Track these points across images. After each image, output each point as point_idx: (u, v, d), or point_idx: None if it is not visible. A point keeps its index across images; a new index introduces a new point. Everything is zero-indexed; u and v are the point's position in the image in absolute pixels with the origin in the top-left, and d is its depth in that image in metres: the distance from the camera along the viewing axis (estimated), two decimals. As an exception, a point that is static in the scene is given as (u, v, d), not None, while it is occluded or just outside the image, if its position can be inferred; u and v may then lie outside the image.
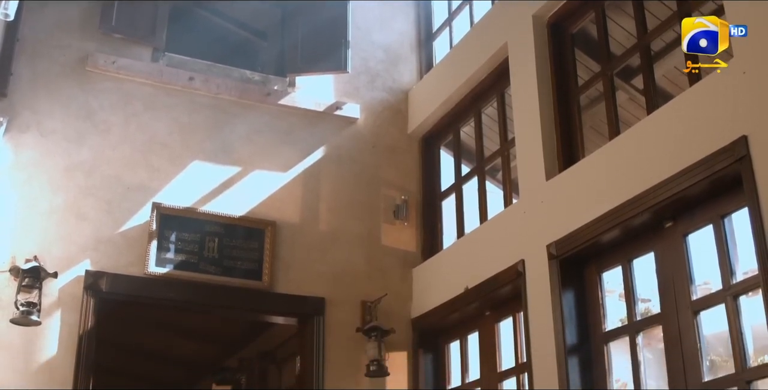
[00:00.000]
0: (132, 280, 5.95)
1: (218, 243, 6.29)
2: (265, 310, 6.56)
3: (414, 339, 6.65)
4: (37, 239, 5.75)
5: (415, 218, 7.05)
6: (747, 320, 4.14)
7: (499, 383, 5.96)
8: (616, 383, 5.09)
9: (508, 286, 5.72)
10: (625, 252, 4.98)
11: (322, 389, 6.26)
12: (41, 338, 5.57)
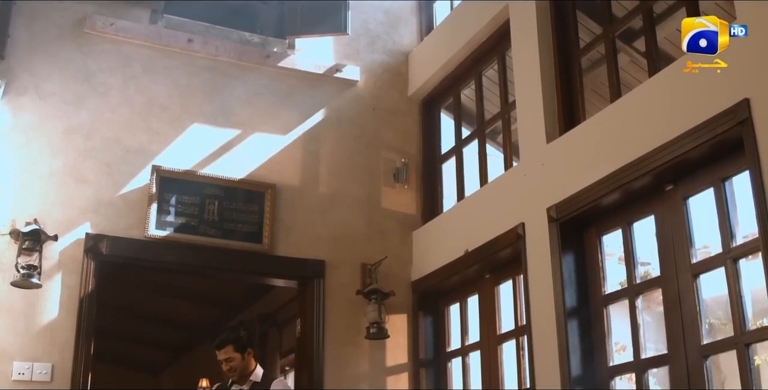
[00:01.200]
0: (132, 242, 5.96)
1: (218, 206, 6.28)
2: (265, 272, 6.58)
3: (414, 301, 6.67)
4: (36, 202, 5.75)
5: (415, 181, 7.04)
6: (746, 284, 4.15)
7: (498, 345, 5.98)
8: (615, 346, 5.11)
9: (508, 249, 5.72)
10: (626, 215, 4.98)
11: (322, 351, 6.29)
12: (42, 301, 5.59)
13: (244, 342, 5.65)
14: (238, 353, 5.59)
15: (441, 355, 6.58)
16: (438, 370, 6.55)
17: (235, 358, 5.58)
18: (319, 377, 6.24)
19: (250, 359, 5.60)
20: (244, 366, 5.56)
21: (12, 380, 5.40)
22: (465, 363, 6.35)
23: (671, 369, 4.53)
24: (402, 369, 6.52)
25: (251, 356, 5.61)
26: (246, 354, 5.57)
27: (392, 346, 6.51)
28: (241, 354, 5.59)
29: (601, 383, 4.94)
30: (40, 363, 5.48)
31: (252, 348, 5.72)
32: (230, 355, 5.58)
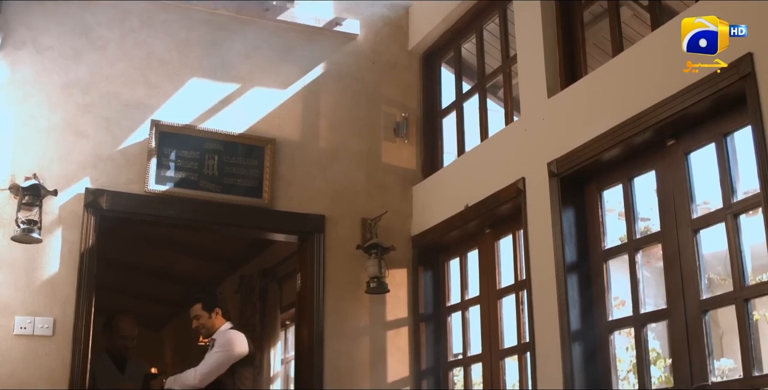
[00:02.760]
0: (132, 197, 5.95)
1: (218, 160, 6.27)
2: (265, 227, 6.58)
3: (414, 256, 6.69)
4: (36, 157, 5.73)
5: (415, 136, 7.01)
6: (746, 239, 4.15)
7: (498, 300, 6.01)
8: (615, 301, 5.14)
9: (508, 204, 5.72)
10: (626, 170, 4.97)
11: (323, 306, 6.32)
12: (43, 256, 5.60)
13: (211, 301, 5.76)
14: (206, 312, 5.73)
15: (441, 309, 6.61)
16: (438, 325, 6.58)
17: (202, 316, 5.72)
18: (320, 331, 6.27)
19: (218, 319, 5.73)
20: (211, 325, 5.71)
21: (14, 335, 5.42)
22: (465, 317, 6.38)
23: (670, 323, 4.56)
24: (402, 323, 6.55)
25: (218, 316, 5.74)
26: (213, 313, 5.69)
27: (392, 300, 6.54)
28: (209, 313, 5.72)
29: (600, 337, 4.97)
30: (42, 317, 5.51)
31: (220, 308, 5.82)
32: (198, 312, 5.74)
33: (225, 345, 5.78)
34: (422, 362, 6.46)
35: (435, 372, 6.49)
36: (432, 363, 6.49)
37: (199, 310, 5.83)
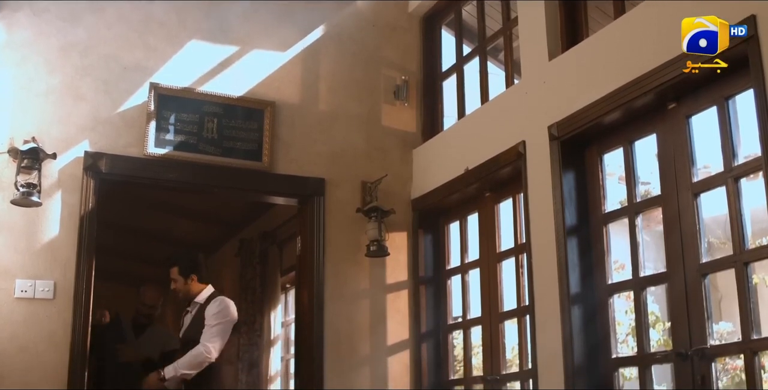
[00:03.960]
0: (131, 160, 5.94)
1: (217, 123, 6.24)
2: (265, 190, 6.57)
3: (414, 219, 6.69)
4: (34, 120, 5.71)
5: (415, 99, 6.98)
6: (747, 203, 4.15)
7: (498, 263, 6.02)
8: (614, 264, 5.14)
9: (509, 167, 5.71)
10: (627, 133, 4.95)
11: (323, 269, 6.34)
12: (42, 219, 5.60)
13: (188, 266, 5.70)
14: (181, 277, 5.67)
15: (440, 272, 6.62)
16: (437, 288, 6.60)
17: (178, 281, 5.69)
18: (320, 294, 6.29)
19: (194, 284, 5.69)
20: (186, 290, 5.68)
21: (14, 298, 5.44)
22: (464, 280, 6.40)
23: (669, 287, 4.57)
24: (402, 286, 6.57)
25: (194, 282, 5.70)
26: (189, 279, 5.65)
27: (392, 263, 6.55)
28: (184, 278, 5.67)
29: (599, 301, 4.98)
30: (42, 280, 5.52)
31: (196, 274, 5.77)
32: (174, 276, 5.69)
33: (224, 314, 5.75)
34: (422, 325, 6.49)
35: (435, 335, 6.52)
36: (432, 326, 6.52)
37: (175, 273, 5.77)
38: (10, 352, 5.35)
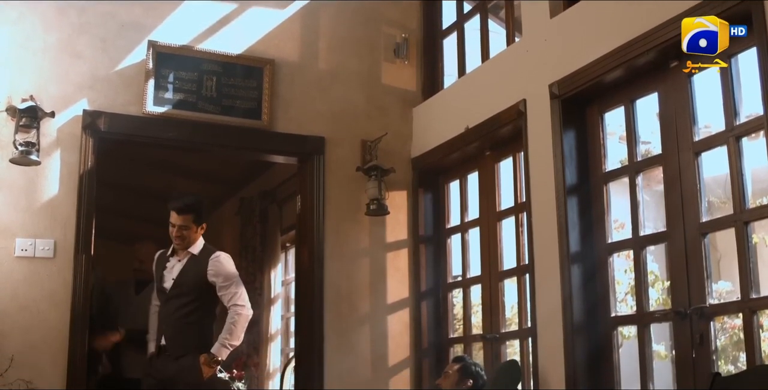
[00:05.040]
0: (130, 119, 5.91)
1: (216, 82, 6.21)
2: (264, 149, 6.56)
3: (414, 178, 6.68)
4: (32, 78, 5.67)
5: (415, 57, 6.94)
6: (748, 162, 4.13)
7: (498, 222, 6.02)
8: (614, 223, 5.14)
9: (509, 126, 5.69)
10: (628, 92, 4.92)
11: (323, 228, 6.34)
12: (42, 178, 5.59)
13: (203, 216, 5.56)
14: (195, 225, 5.51)
15: (440, 231, 6.63)
16: (437, 247, 6.61)
17: (191, 228, 5.49)
18: (320, 253, 6.30)
19: (199, 233, 5.53)
20: (193, 239, 5.48)
21: (15, 256, 5.45)
22: (464, 239, 6.41)
23: (669, 246, 4.57)
24: (401, 245, 6.58)
25: (203, 231, 5.54)
26: (200, 228, 5.51)
27: (392, 222, 6.56)
28: (196, 226, 5.52)
29: (599, 260, 4.99)
30: (42, 239, 5.53)
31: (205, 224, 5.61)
32: (188, 223, 5.48)
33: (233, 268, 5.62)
34: (422, 284, 6.51)
35: (434, 293, 6.54)
36: (431, 284, 6.54)
37: (189, 221, 5.53)
38: (11, 311, 5.38)
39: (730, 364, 7.09)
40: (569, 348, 4.88)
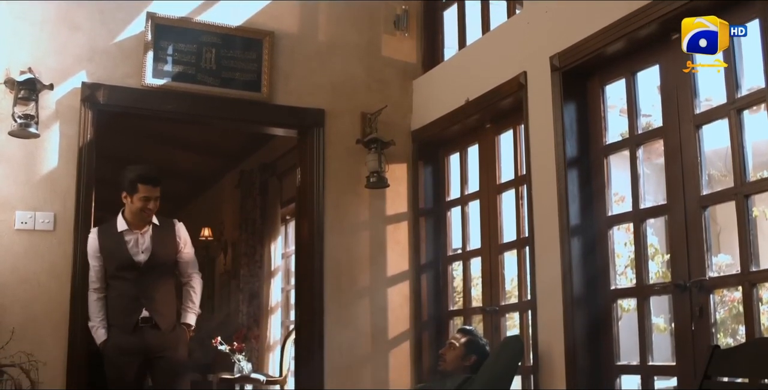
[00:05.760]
0: (129, 91, 5.89)
1: (215, 54, 6.18)
2: (264, 121, 6.54)
3: (414, 151, 6.67)
4: (30, 50, 5.64)
5: (415, 29, 6.90)
6: (749, 135, 4.12)
7: (498, 195, 6.01)
8: (614, 196, 5.13)
9: (510, 98, 5.66)
10: (630, 64, 4.89)
11: (323, 200, 6.34)
12: (41, 151, 5.58)
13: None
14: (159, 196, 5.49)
15: (440, 204, 6.63)
16: (437, 219, 6.61)
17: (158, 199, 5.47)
18: (320, 226, 6.31)
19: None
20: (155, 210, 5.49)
21: (15, 229, 5.46)
22: (464, 212, 6.40)
23: (669, 219, 4.56)
24: (401, 218, 6.59)
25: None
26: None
27: (392, 195, 6.56)
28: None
29: (599, 233, 4.98)
30: (42, 212, 5.53)
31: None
32: (159, 194, 5.45)
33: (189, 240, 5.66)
34: (422, 256, 6.52)
35: (434, 266, 6.55)
36: (431, 257, 6.55)
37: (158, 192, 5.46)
38: (11, 284, 5.39)
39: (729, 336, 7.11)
40: (569, 320, 4.89)
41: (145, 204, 5.33)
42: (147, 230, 5.39)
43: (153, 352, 5.31)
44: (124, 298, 5.33)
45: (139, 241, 5.36)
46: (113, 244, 5.37)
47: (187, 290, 5.60)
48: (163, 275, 5.42)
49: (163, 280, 5.42)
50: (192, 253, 5.65)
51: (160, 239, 5.41)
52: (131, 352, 5.27)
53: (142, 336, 5.30)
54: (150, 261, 5.33)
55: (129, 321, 5.31)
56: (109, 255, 5.36)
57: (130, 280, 5.33)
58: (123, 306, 5.34)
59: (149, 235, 5.39)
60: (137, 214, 5.36)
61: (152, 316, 5.31)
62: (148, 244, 5.37)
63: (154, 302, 5.34)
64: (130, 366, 5.26)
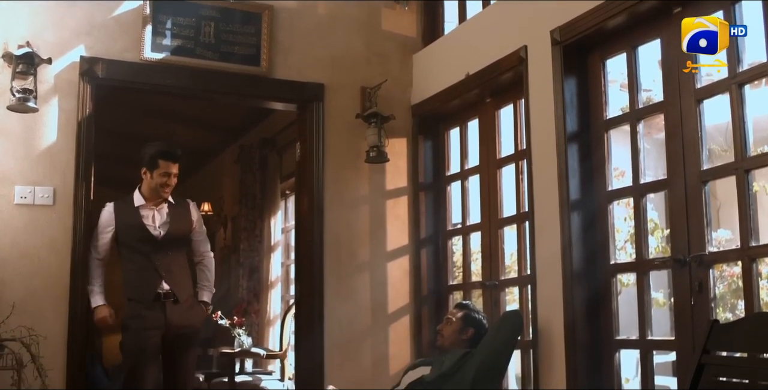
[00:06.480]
0: (128, 65, 5.87)
1: (214, 28, 6.15)
2: (264, 96, 6.52)
3: (414, 125, 6.66)
4: (28, 25, 5.60)
5: (415, 2, 6.86)
6: (750, 110, 4.10)
7: (498, 170, 6.00)
8: (615, 171, 5.12)
9: (510, 73, 5.64)
10: (631, 38, 4.86)
11: (322, 175, 6.34)
12: (40, 125, 5.56)
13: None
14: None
15: (440, 178, 6.62)
16: (437, 194, 6.61)
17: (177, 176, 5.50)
18: (320, 200, 6.31)
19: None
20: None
21: (14, 204, 5.45)
22: (464, 187, 6.40)
23: (669, 194, 4.55)
24: (401, 192, 6.58)
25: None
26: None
27: (392, 169, 6.55)
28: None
29: (599, 207, 4.98)
30: (42, 187, 5.52)
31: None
32: (177, 171, 5.47)
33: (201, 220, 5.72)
34: (421, 231, 6.53)
35: (434, 241, 6.56)
36: (431, 232, 6.55)
37: (177, 168, 5.50)
38: (11, 259, 5.39)
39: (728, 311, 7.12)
40: (568, 295, 4.90)
41: (166, 180, 5.39)
42: (163, 207, 5.44)
43: (174, 327, 5.33)
44: (144, 271, 5.37)
45: (156, 216, 5.42)
46: (130, 217, 5.42)
47: (200, 269, 5.67)
48: (179, 251, 5.47)
49: (180, 256, 5.49)
50: (204, 232, 5.73)
51: (175, 215, 5.48)
52: (153, 327, 5.29)
53: (163, 310, 5.32)
54: (167, 235, 5.39)
55: (148, 294, 5.33)
56: (126, 227, 5.42)
57: (147, 253, 5.37)
58: (142, 279, 5.37)
59: (165, 211, 5.44)
60: (155, 190, 5.42)
61: (172, 289, 5.34)
62: (166, 219, 5.43)
63: (174, 276, 5.37)
64: (153, 338, 5.28)
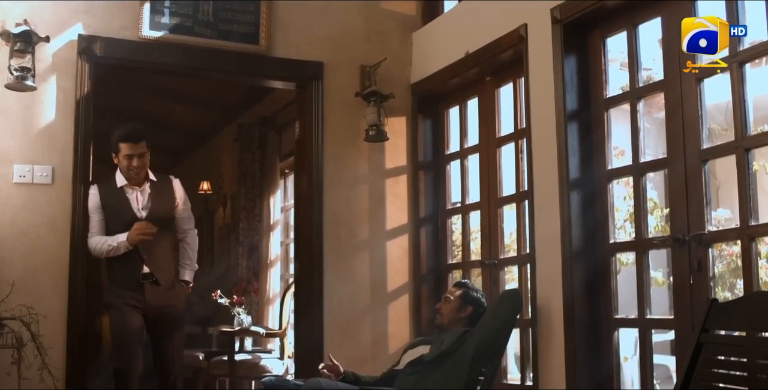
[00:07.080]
0: (126, 43, 5.84)
1: (213, 5, 6.12)
2: (262, 74, 6.50)
3: (413, 104, 6.64)
4: (25, 2, 5.56)
5: (415, -20, 6.85)
6: (750, 89, 4.09)
7: (497, 148, 5.99)
8: (614, 150, 5.11)
9: (510, 51, 5.62)
10: (631, 17, 4.84)
11: (322, 154, 6.33)
12: (38, 104, 5.55)
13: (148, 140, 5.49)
14: (148, 150, 5.47)
15: (440, 157, 6.61)
16: (436, 173, 6.61)
17: (147, 154, 5.46)
18: (319, 179, 6.30)
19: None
20: (147, 166, 5.48)
21: (13, 183, 5.44)
22: (464, 165, 6.39)
23: (669, 173, 4.55)
24: (401, 171, 6.58)
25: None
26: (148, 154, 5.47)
27: (391, 148, 6.54)
28: (148, 151, 5.48)
29: (598, 186, 4.98)
30: (41, 165, 5.51)
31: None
32: (144, 149, 5.43)
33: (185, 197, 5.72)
34: (421, 210, 6.53)
35: (433, 219, 6.56)
36: (431, 210, 6.55)
37: (144, 147, 5.39)
38: (10, 238, 5.39)
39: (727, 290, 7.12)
40: (567, 274, 4.90)
41: (129, 162, 5.35)
42: (145, 187, 5.42)
43: (154, 308, 5.38)
44: (125, 253, 5.37)
45: (138, 197, 5.40)
46: (114, 199, 5.43)
47: (183, 247, 5.68)
48: (162, 231, 5.45)
49: (162, 236, 5.47)
50: (188, 209, 5.70)
51: (157, 195, 5.46)
52: (133, 306, 5.34)
53: (142, 292, 5.36)
54: (148, 217, 5.37)
55: (131, 277, 5.37)
56: (111, 210, 5.43)
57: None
58: (124, 261, 5.39)
59: (147, 191, 5.42)
60: (125, 173, 5.38)
61: (152, 271, 5.37)
62: (147, 201, 5.41)
63: (155, 257, 5.38)
64: (135, 315, 5.32)
